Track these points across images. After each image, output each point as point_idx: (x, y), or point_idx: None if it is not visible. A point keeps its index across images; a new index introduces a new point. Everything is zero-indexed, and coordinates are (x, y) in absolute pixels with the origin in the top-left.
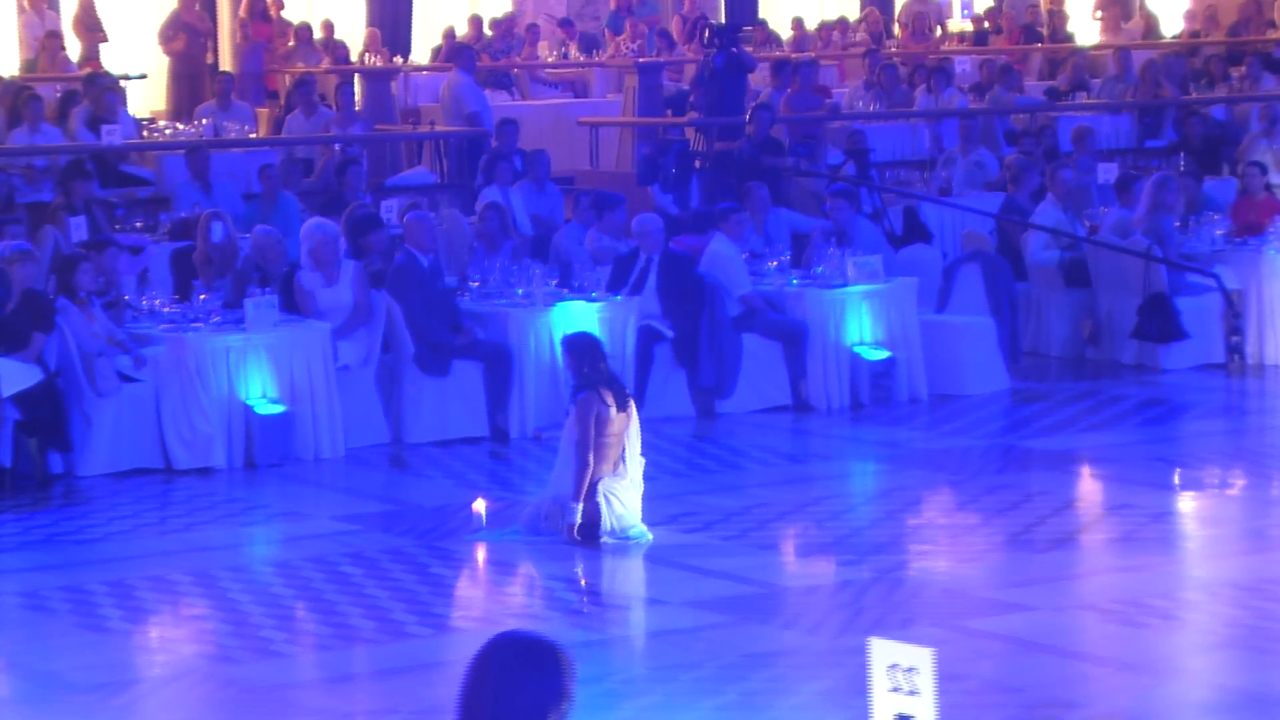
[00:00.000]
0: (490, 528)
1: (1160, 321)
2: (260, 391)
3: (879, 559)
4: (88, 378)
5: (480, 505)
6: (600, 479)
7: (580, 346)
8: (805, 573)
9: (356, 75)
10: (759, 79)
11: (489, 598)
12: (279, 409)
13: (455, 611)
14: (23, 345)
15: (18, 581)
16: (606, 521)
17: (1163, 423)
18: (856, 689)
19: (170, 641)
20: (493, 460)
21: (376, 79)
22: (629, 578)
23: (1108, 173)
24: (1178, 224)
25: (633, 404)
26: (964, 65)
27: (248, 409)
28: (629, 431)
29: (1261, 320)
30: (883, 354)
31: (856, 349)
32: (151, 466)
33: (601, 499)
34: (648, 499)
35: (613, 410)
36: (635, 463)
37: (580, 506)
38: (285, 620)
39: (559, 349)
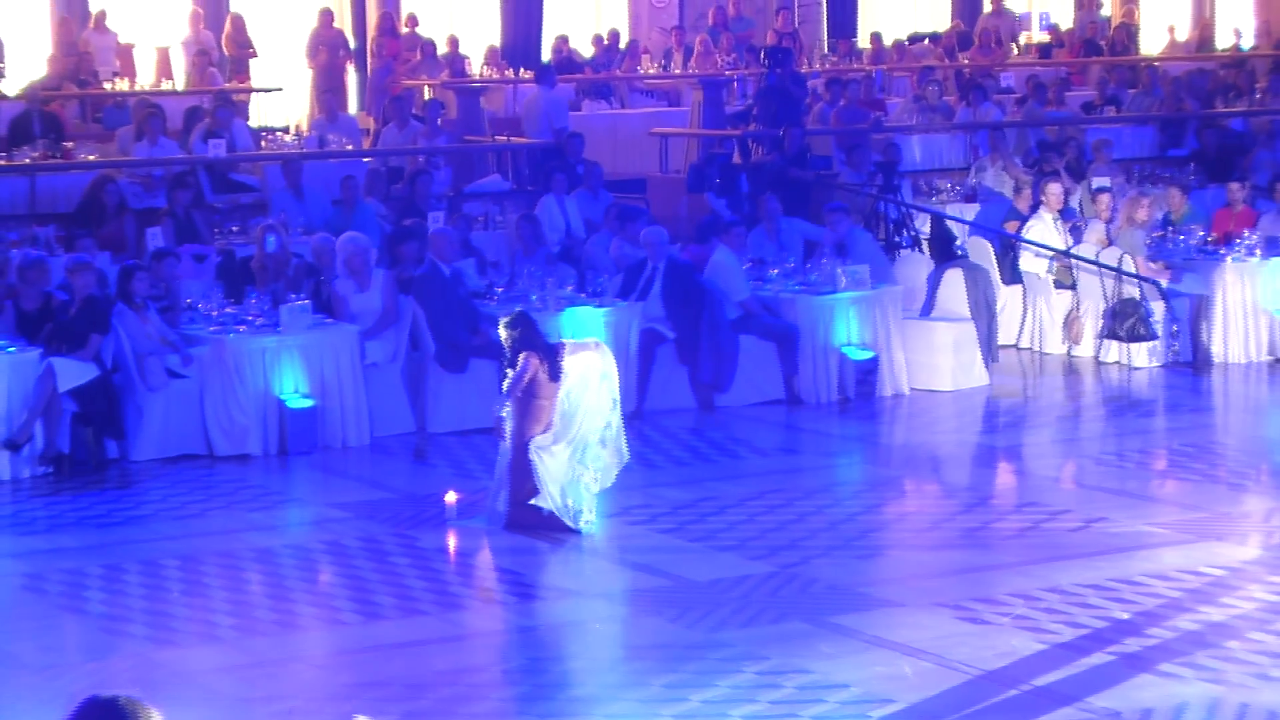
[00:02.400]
0: (459, 517)
1: (1131, 324)
2: (293, 387)
3: (787, 554)
4: (140, 374)
5: (451, 497)
6: (531, 439)
7: (514, 322)
8: (715, 566)
9: (449, 88)
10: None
11: (427, 586)
12: (308, 403)
13: (390, 600)
14: (81, 345)
15: (29, 563)
16: (544, 486)
17: (1114, 419)
18: (703, 683)
19: (130, 625)
20: None
21: (467, 94)
22: (554, 569)
23: (1100, 184)
24: (1158, 233)
25: (597, 385)
26: (1009, 79)
27: (281, 403)
28: (569, 404)
29: (1226, 323)
30: (867, 354)
31: (844, 349)
32: (195, 453)
33: (534, 456)
34: (612, 488)
35: (544, 376)
36: (596, 452)
37: (508, 404)
38: (239, 606)
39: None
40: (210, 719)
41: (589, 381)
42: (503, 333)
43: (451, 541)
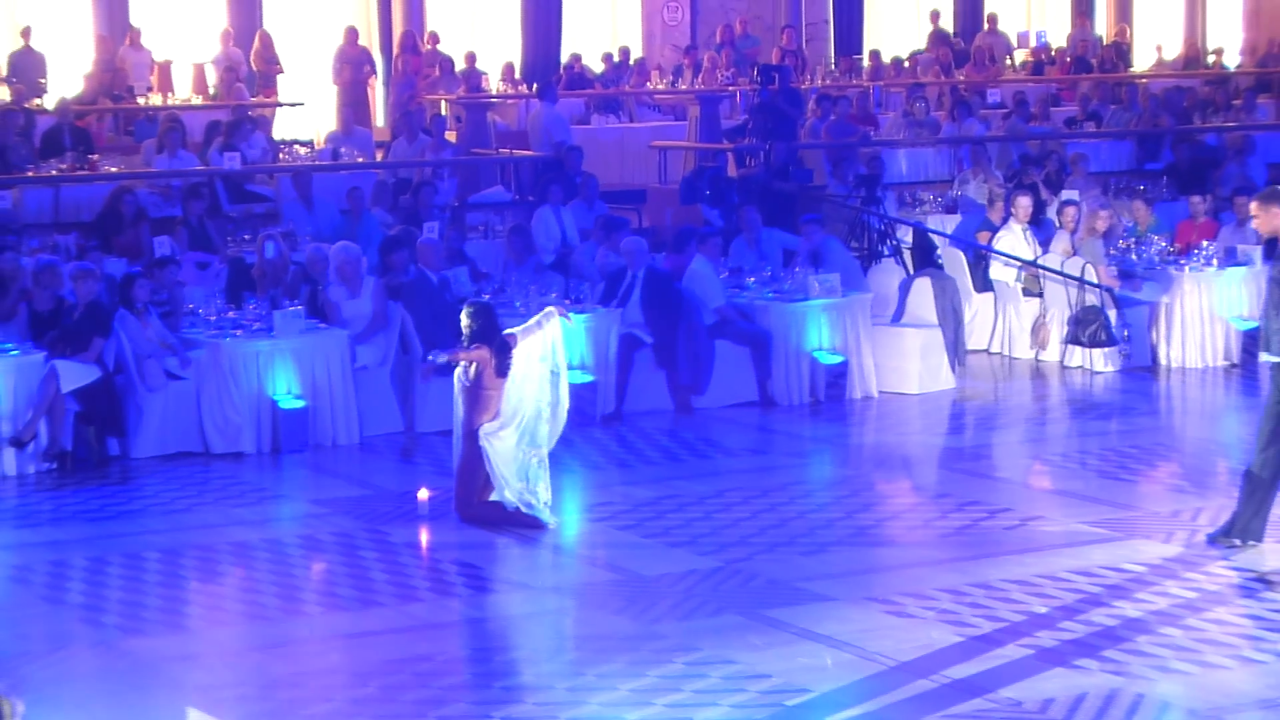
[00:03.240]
0: (430, 513)
1: (1093, 330)
2: (285, 388)
3: (735, 550)
4: (140, 375)
5: (424, 494)
6: (479, 426)
7: (476, 312)
8: (665, 562)
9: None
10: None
11: (389, 579)
12: (300, 404)
13: (352, 592)
14: (84, 348)
15: (20, 554)
16: (497, 474)
17: (1067, 421)
18: (634, 673)
19: (103, 614)
20: None
21: (475, 108)
22: (511, 562)
23: (1068, 197)
24: (1124, 243)
25: (537, 367)
26: (995, 96)
27: (273, 403)
28: (513, 388)
29: (1184, 330)
30: (837, 359)
31: (815, 354)
32: (192, 450)
33: (484, 443)
34: (580, 487)
35: (491, 370)
36: (544, 430)
37: (441, 354)
38: (209, 597)
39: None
40: (163, 704)
41: (531, 365)
42: (464, 319)
43: (423, 536)
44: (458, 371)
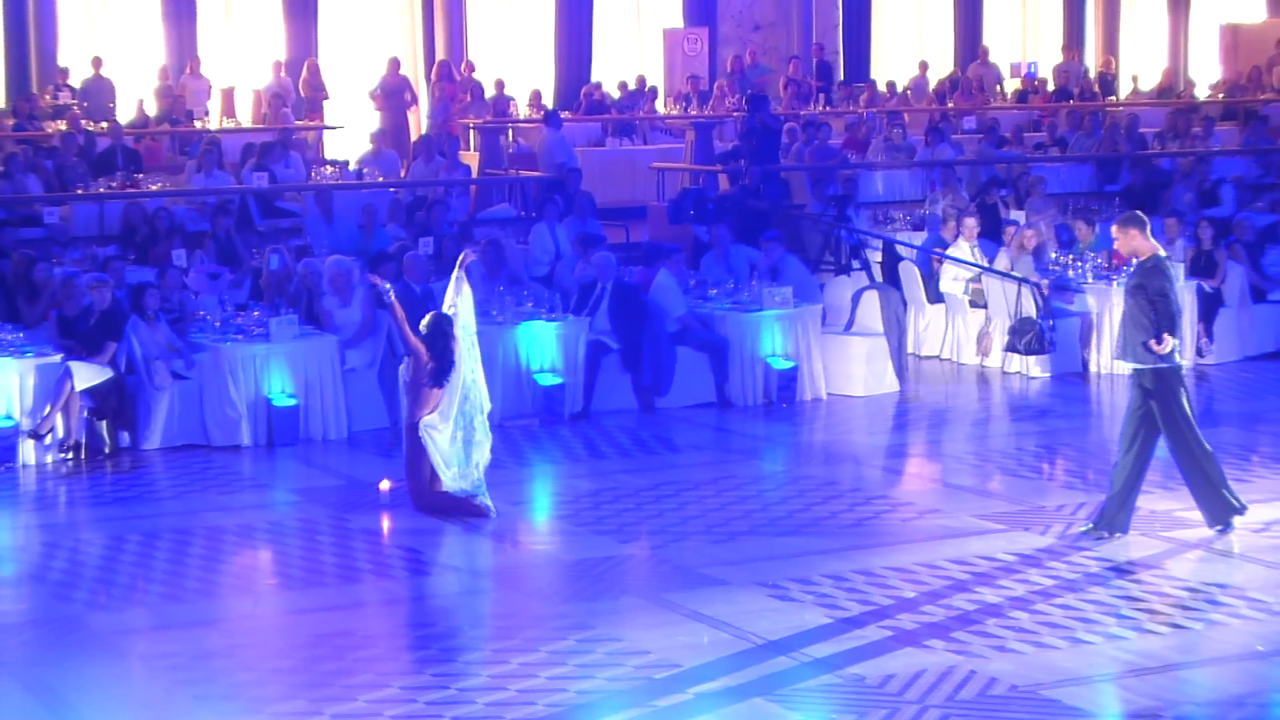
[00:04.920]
0: (391, 501)
1: (1029, 339)
2: (279, 388)
3: (656, 537)
4: (148, 375)
5: (385, 484)
6: (419, 420)
7: (432, 323)
8: (587, 548)
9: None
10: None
11: (336, 561)
12: (292, 402)
13: (302, 573)
14: (99, 351)
15: (19, 536)
16: (438, 462)
17: (993, 423)
18: (528, 648)
19: (73, 591)
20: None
21: (489, 132)
22: (449, 547)
23: (1014, 217)
24: (1064, 258)
25: (479, 393)
26: (970, 123)
27: (268, 401)
28: (451, 398)
29: (1113, 338)
30: (788, 364)
31: (768, 359)
32: (195, 443)
33: (424, 434)
34: (532, 479)
35: (427, 375)
36: (482, 423)
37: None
38: (173, 576)
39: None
40: (106, 671)
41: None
42: (423, 325)
43: (379, 523)
44: (401, 367)
